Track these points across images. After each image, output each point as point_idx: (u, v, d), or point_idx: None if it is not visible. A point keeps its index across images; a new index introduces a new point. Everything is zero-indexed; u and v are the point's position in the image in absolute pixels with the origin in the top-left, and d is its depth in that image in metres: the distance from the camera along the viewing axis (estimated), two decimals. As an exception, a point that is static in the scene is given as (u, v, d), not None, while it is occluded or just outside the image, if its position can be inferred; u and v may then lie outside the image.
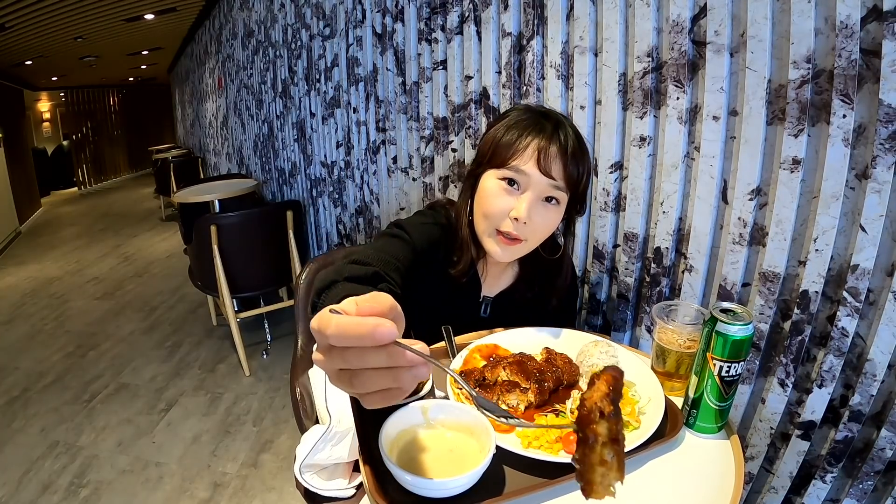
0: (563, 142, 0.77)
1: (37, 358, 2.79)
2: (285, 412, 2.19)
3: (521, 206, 0.76)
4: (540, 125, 0.78)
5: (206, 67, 5.79)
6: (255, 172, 4.10)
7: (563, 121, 0.80)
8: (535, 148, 0.76)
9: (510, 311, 0.92)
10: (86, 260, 4.68)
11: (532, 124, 0.78)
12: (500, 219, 0.78)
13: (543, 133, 0.77)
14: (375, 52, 1.91)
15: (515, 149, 0.77)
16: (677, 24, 0.91)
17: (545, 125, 0.78)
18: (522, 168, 0.76)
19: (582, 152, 0.79)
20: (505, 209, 0.78)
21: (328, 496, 0.86)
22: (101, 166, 10.41)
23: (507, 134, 0.78)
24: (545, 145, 0.76)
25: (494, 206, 0.78)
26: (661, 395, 0.69)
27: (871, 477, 0.81)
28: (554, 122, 0.79)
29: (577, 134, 0.80)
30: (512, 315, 0.93)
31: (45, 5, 4.10)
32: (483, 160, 0.82)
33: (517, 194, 0.78)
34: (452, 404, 0.67)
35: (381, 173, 2.04)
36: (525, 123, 0.78)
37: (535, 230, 0.79)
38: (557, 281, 0.89)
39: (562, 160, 0.76)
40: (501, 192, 0.78)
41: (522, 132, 0.77)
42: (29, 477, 1.85)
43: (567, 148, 0.77)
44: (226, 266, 2.33)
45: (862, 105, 0.72)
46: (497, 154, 0.79)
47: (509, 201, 0.78)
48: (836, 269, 0.79)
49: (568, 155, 0.76)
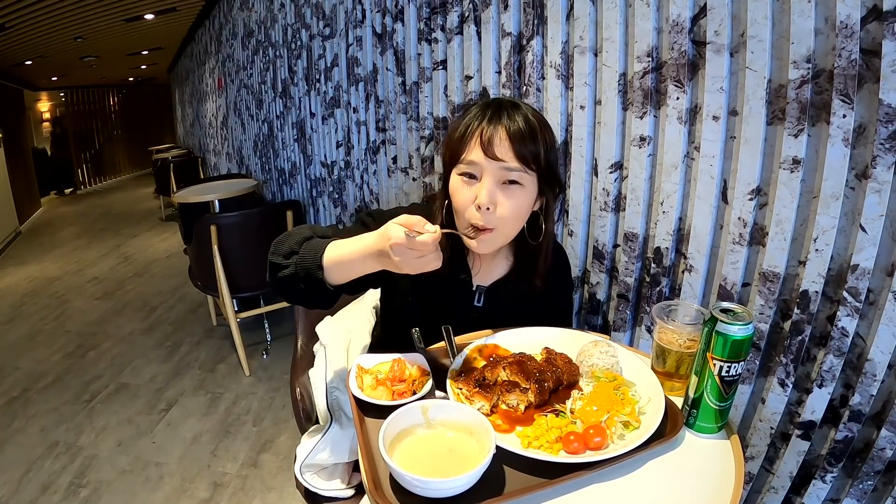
0: (507, 124, 0.78)
1: (37, 358, 2.79)
2: (285, 412, 2.19)
3: (482, 191, 0.78)
4: (483, 114, 0.80)
5: (206, 67, 5.79)
6: (255, 172, 4.10)
7: (509, 105, 0.81)
8: (478, 136, 0.79)
9: (504, 301, 0.93)
10: (86, 260, 4.68)
11: (476, 115, 0.81)
12: (466, 210, 0.81)
13: (485, 120, 0.79)
14: (375, 52, 1.91)
15: (465, 142, 0.80)
16: (677, 24, 0.91)
17: (487, 113, 0.80)
18: (471, 158, 0.79)
19: (532, 131, 0.79)
20: (468, 199, 0.80)
21: (328, 496, 0.86)
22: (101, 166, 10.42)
23: (458, 131, 0.82)
24: (487, 130, 0.78)
25: (459, 200, 0.82)
26: (661, 395, 0.69)
27: (871, 477, 0.81)
28: (496, 107, 0.81)
29: (528, 115, 0.81)
30: (506, 305, 0.94)
31: (45, 5, 4.10)
32: (444, 160, 0.86)
33: (476, 184, 0.80)
34: (452, 404, 0.67)
35: (381, 173, 2.04)
36: (471, 117, 0.82)
37: (502, 216, 0.80)
38: (537, 263, 0.90)
39: (507, 141, 0.78)
40: (463, 186, 0.81)
41: (469, 124, 0.81)
42: (29, 477, 1.85)
43: (510, 129, 0.78)
44: (226, 266, 2.33)
45: (862, 105, 0.72)
46: (453, 153, 0.83)
47: (471, 192, 0.80)
48: (836, 269, 0.79)
49: (512, 136, 0.78)
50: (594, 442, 0.63)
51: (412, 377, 0.76)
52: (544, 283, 0.92)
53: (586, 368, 0.76)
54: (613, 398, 0.69)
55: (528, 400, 0.70)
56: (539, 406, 0.71)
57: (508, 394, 0.70)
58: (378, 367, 0.78)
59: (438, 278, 0.86)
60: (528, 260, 0.91)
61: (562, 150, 1.20)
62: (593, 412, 0.67)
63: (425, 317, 0.90)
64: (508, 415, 0.69)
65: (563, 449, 0.63)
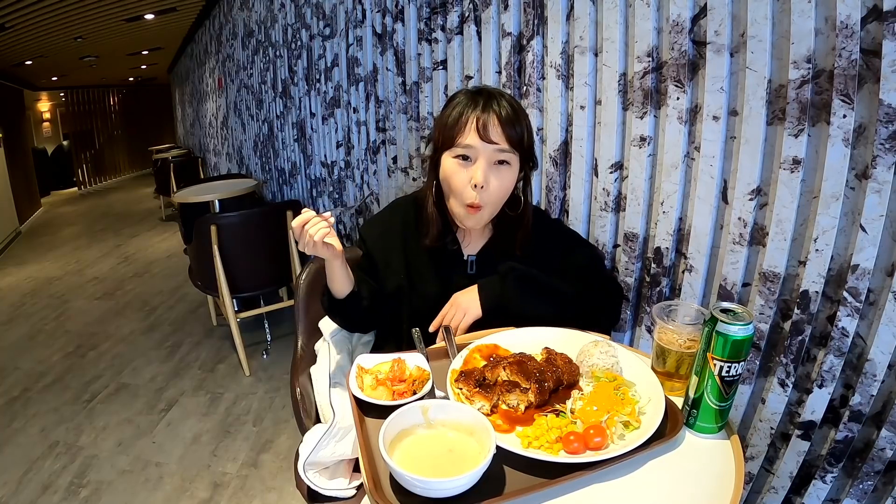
0: (497, 110, 0.88)
1: (37, 358, 2.79)
2: (285, 412, 2.19)
3: (477, 172, 0.88)
4: (475, 102, 0.89)
5: (206, 67, 5.79)
6: (255, 172, 4.11)
7: (496, 93, 0.90)
8: (473, 121, 0.87)
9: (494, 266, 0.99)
10: (86, 260, 4.68)
11: (468, 103, 0.89)
12: (464, 191, 0.90)
13: (478, 107, 0.88)
14: (375, 52, 1.91)
15: (459, 128, 0.88)
16: (677, 24, 0.91)
17: (478, 100, 0.89)
18: (468, 142, 0.87)
19: (517, 115, 0.89)
20: (465, 180, 0.89)
21: (330, 496, 0.86)
22: (102, 166, 10.42)
23: (451, 117, 0.90)
24: (482, 117, 0.87)
25: (456, 181, 0.90)
26: (661, 396, 0.69)
27: (871, 477, 0.81)
28: (486, 95, 0.89)
29: (511, 102, 0.90)
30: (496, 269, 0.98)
31: (45, 5, 4.10)
32: (437, 145, 0.94)
33: (471, 166, 0.89)
34: (452, 404, 0.67)
35: (381, 173, 2.04)
36: (463, 104, 0.90)
37: (492, 192, 0.90)
38: (518, 233, 0.99)
39: (499, 125, 0.87)
40: (458, 168, 0.90)
41: (462, 112, 0.89)
42: (29, 477, 1.85)
43: (501, 114, 0.87)
44: (226, 266, 2.33)
45: (862, 105, 0.72)
46: (447, 137, 0.90)
47: (466, 173, 0.89)
48: (836, 269, 0.79)
49: (502, 119, 0.87)
50: (594, 442, 0.63)
51: (412, 377, 0.76)
52: (525, 250, 0.99)
53: (586, 368, 0.76)
54: (613, 398, 0.69)
55: (528, 400, 0.70)
56: (539, 406, 0.70)
57: (509, 394, 0.70)
58: (378, 367, 0.78)
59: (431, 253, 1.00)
60: (508, 230, 1.00)
61: (562, 150, 1.21)
62: (593, 412, 0.67)
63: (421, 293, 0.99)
64: (508, 415, 0.69)
65: (563, 449, 0.63)
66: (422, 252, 1.00)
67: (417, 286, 0.99)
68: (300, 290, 1.19)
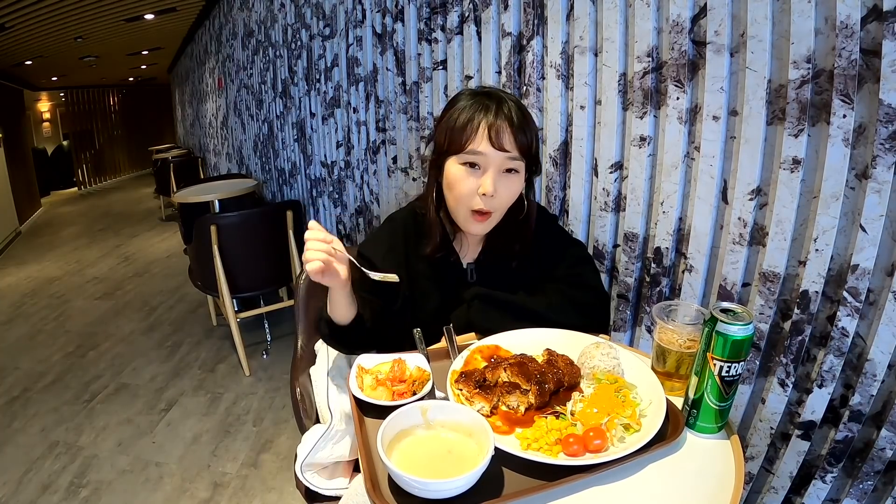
0: (509, 115, 0.83)
1: (37, 358, 2.79)
2: (285, 412, 2.19)
3: (487, 181, 0.83)
4: (485, 106, 0.84)
5: (206, 67, 5.78)
6: (255, 172, 4.10)
7: (504, 96, 0.86)
8: (485, 128, 0.82)
9: (494, 272, 0.98)
10: (86, 260, 4.68)
11: (478, 107, 0.84)
12: (470, 199, 0.85)
13: (489, 112, 0.83)
14: (375, 52, 1.90)
15: (468, 133, 0.83)
16: (677, 24, 0.91)
17: (489, 105, 0.84)
18: (478, 149, 0.83)
19: (526, 121, 0.85)
20: (473, 189, 0.85)
21: (329, 495, 0.86)
22: (101, 166, 10.42)
23: (458, 121, 0.84)
24: (494, 123, 0.82)
25: (463, 189, 0.85)
26: (662, 398, 0.69)
27: (871, 477, 0.81)
28: (497, 99, 0.85)
29: (519, 105, 0.86)
30: (497, 275, 0.97)
31: (45, 5, 4.10)
32: (442, 149, 0.88)
33: (479, 174, 0.85)
34: (452, 405, 0.67)
35: (381, 173, 2.04)
36: (472, 107, 0.84)
37: (501, 200, 0.87)
38: (520, 236, 0.95)
39: (511, 133, 0.82)
40: (466, 176, 0.85)
41: (471, 116, 0.83)
42: (29, 477, 1.85)
43: (513, 120, 0.83)
44: (226, 266, 2.33)
45: (862, 105, 0.72)
46: (453, 141, 0.85)
47: (475, 182, 0.85)
48: (836, 269, 0.79)
49: (515, 127, 0.83)
50: (594, 444, 0.62)
51: (412, 378, 0.76)
52: (525, 248, 0.96)
53: (587, 370, 0.76)
54: (614, 400, 0.69)
55: (528, 401, 0.70)
56: (539, 408, 0.70)
57: (509, 395, 0.70)
58: (378, 367, 0.78)
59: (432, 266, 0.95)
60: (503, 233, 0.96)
61: (562, 150, 1.20)
62: (594, 414, 0.66)
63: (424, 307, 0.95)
64: (508, 416, 0.69)
65: (562, 451, 0.62)
66: (422, 265, 0.97)
67: (420, 300, 0.96)
68: (300, 291, 1.19)
